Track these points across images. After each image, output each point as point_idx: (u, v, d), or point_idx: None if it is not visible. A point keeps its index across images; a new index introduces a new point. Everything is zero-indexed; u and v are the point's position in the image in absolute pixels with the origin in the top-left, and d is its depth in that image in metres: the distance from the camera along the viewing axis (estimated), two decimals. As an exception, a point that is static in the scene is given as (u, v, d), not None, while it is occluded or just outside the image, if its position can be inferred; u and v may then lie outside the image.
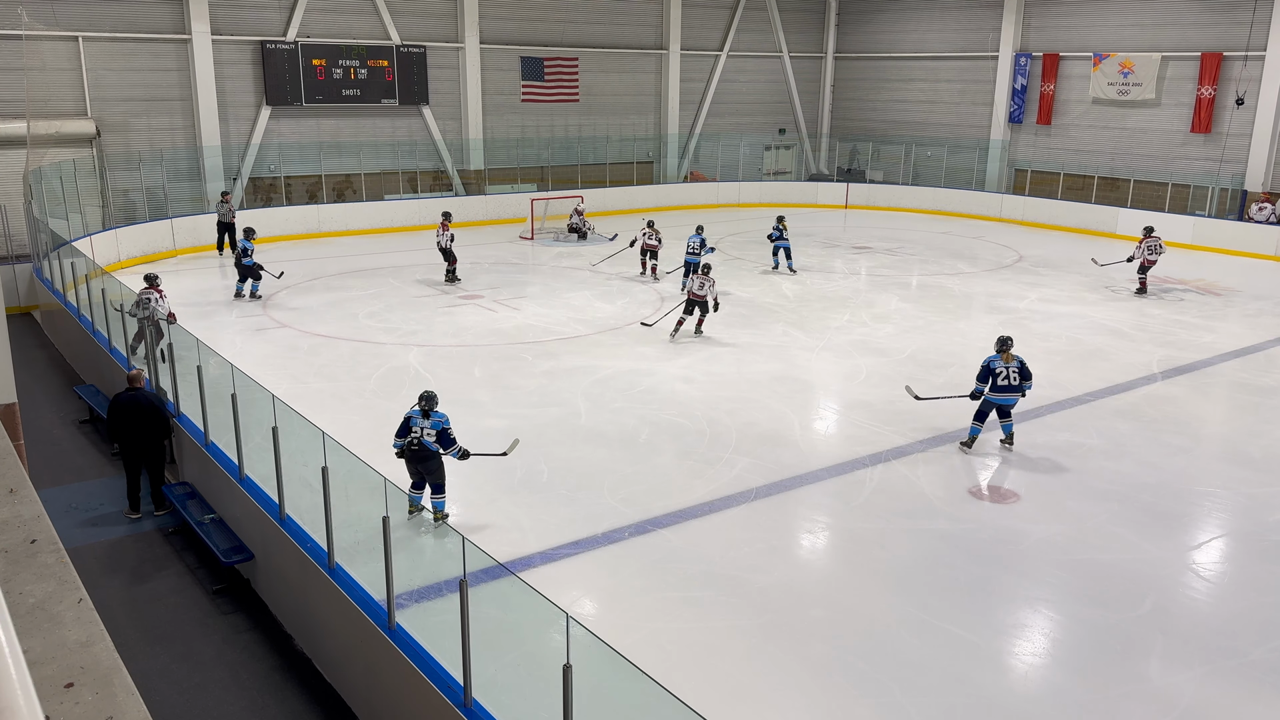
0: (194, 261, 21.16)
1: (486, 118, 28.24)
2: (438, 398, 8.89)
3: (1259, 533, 9.24)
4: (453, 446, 8.77)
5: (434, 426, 8.71)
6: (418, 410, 8.79)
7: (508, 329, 15.83)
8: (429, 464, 8.83)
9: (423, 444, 8.72)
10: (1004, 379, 10.91)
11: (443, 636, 6.17)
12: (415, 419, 8.78)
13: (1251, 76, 24.79)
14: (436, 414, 8.76)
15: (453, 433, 8.78)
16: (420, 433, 8.73)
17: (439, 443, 8.71)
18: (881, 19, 33.76)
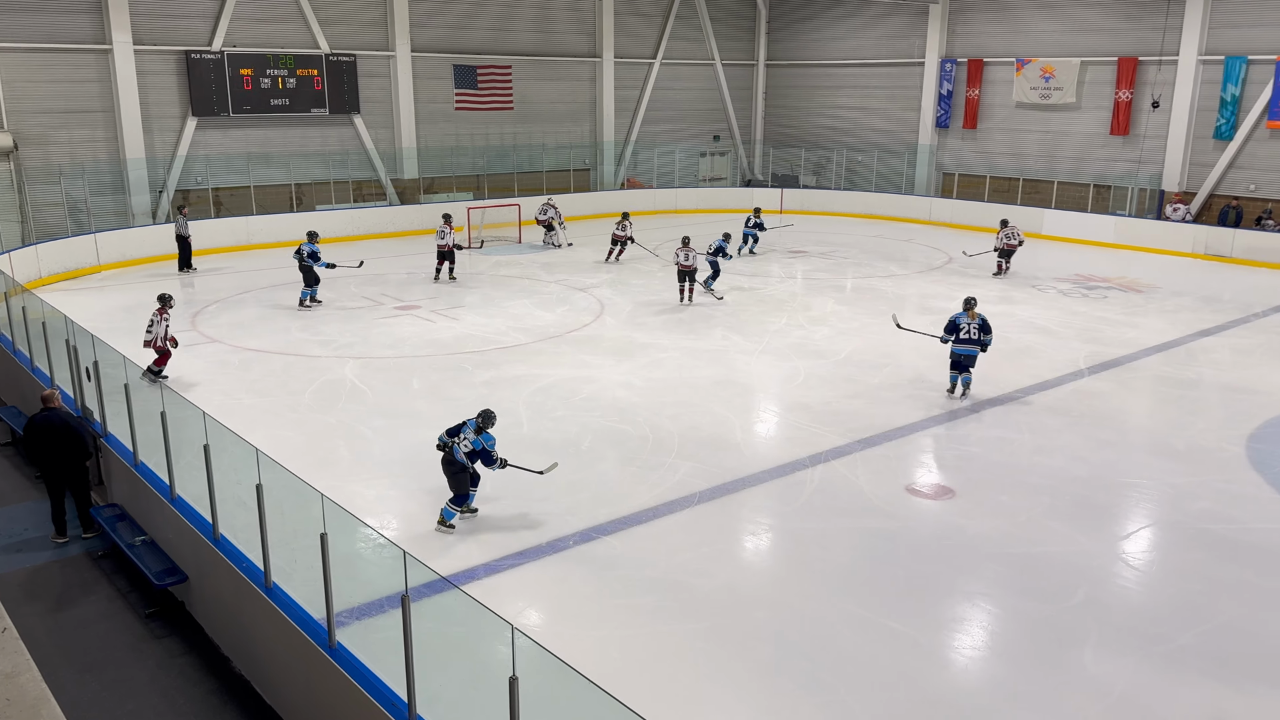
0: (119, 277, 20.60)
1: (420, 126, 28.00)
2: (495, 419, 9.04)
3: (1184, 522, 9.55)
4: (492, 464, 8.97)
5: (474, 444, 8.90)
6: (473, 422, 8.98)
7: (446, 339, 15.68)
8: (452, 469, 9.04)
9: (452, 451, 8.96)
10: (965, 333, 12.79)
11: (386, 653, 6.08)
12: (466, 429, 8.99)
13: (1165, 80, 25.67)
14: (486, 434, 8.92)
15: (495, 455, 8.95)
16: (459, 441, 8.95)
17: (471, 458, 8.94)
18: (811, 27, 34.26)
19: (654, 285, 19.93)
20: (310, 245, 17.44)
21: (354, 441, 11.32)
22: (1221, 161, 25.06)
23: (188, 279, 20.65)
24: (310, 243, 17.50)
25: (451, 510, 9.16)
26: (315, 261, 17.39)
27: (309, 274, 17.55)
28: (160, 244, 22.17)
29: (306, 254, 17.41)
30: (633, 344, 15.52)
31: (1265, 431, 11.85)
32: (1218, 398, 13.32)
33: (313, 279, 17.62)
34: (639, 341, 15.65)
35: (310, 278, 17.58)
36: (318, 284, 17.79)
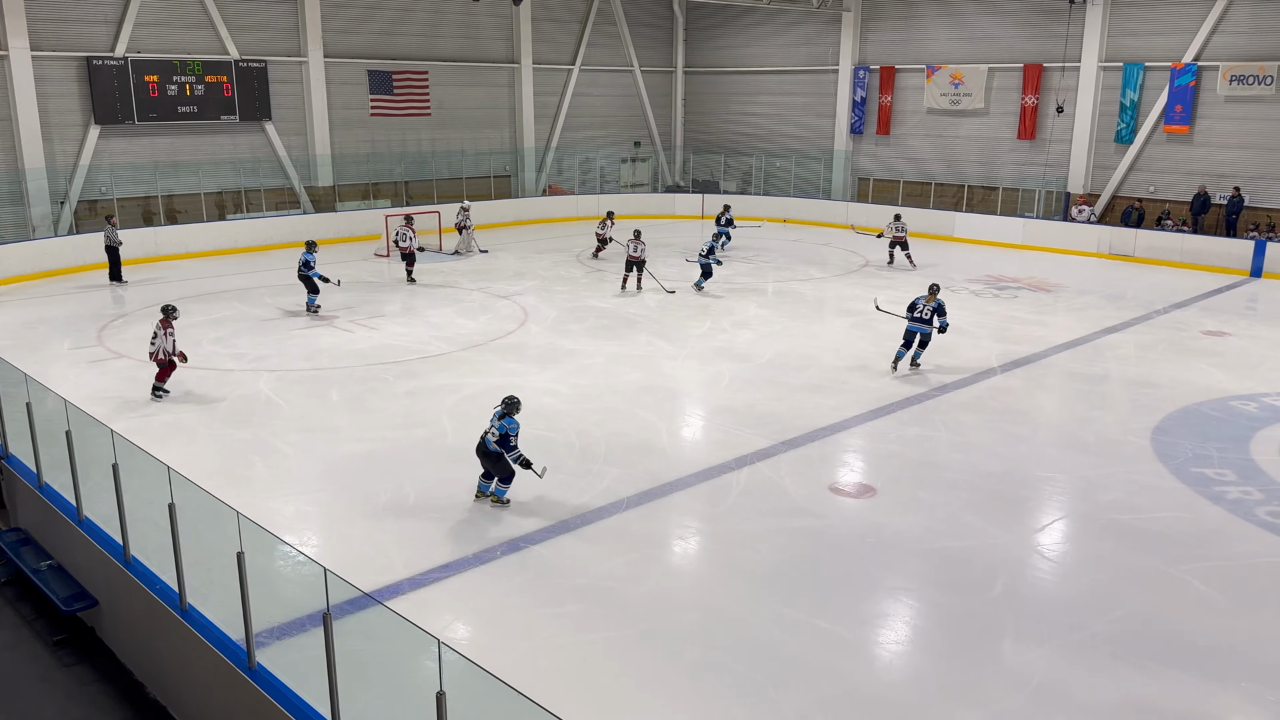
0: (19, 292, 19.75)
1: (334, 133, 27.50)
2: (519, 405, 9.60)
3: (1094, 513, 9.88)
4: (512, 451, 9.43)
5: (499, 429, 9.43)
6: (498, 411, 9.55)
7: (366, 350, 15.41)
8: (490, 458, 9.58)
9: (484, 441, 9.53)
10: (920, 312, 14.31)
11: (308, 673, 5.94)
12: (493, 419, 9.57)
13: (1069, 86, 26.61)
14: (510, 419, 9.45)
15: (514, 440, 9.42)
16: (489, 432, 9.52)
17: (499, 444, 9.42)
18: (728, 35, 34.63)
19: (579, 292, 19.91)
20: (307, 255, 17.52)
21: (270, 457, 11.05)
22: (1123, 164, 26.07)
23: (119, 291, 20.03)
24: (308, 252, 17.56)
25: (503, 489, 9.70)
26: (310, 271, 17.48)
27: (309, 282, 17.64)
28: (63, 256, 21.36)
29: (301, 263, 17.56)
30: (558, 351, 15.46)
31: (1167, 424, 12.34)
32: (1123, 392, 13.83)
33: (313, 287, 17.69)
34: (564, 348, 15.60)
35: (310, 286, 17.67)
36: (318, 292, 17.79)
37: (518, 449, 9.44)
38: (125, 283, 20.46)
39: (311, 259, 17.53)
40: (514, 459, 9.45)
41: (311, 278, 17.56)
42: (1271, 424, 12.36)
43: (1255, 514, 9.75)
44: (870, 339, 16.38)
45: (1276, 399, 13.37)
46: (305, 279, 17.65)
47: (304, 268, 17.54)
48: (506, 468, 9.58)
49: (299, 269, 17.69)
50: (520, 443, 9.52)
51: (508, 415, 9.48)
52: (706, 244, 20.05)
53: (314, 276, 17.55)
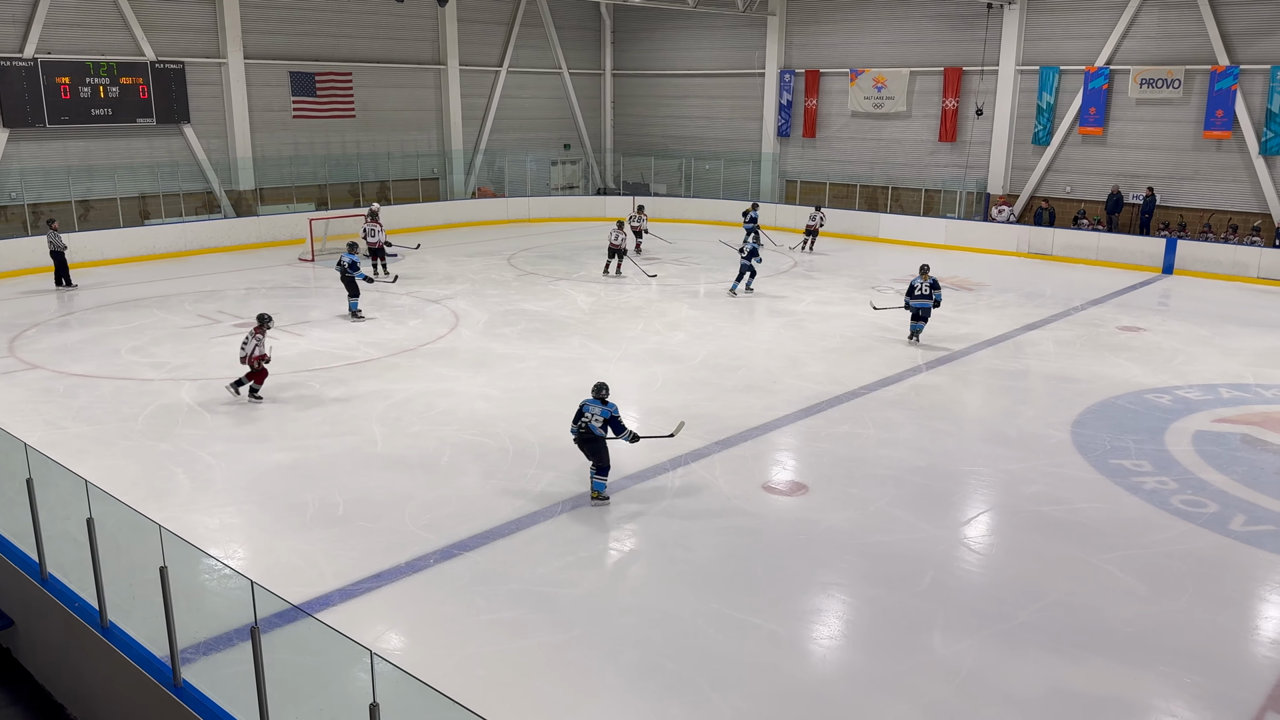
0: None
1: (255, 135, 26.92)
2: (609, 388, 9.77)
3: (1018, 505, 10.15)
4: (623, 432, 9.69)
5: (603, 414, 9.64)
6: (592, 399, 9.68)
7: (291, 357, 15.10)
8: (593, 446, 9.76)
9: (589, 429, 9.64)
10: (919, 291, 15.92)
11: (237, 689, 5.80)
12: (588, 406, 9.70)
13: (988, 89, 27.31)
14: (609, 403, 9.65)
15: (622, 420, 9.70)
16: (590, 418, 9.64)
17: (606, 429, 9.65)
18: (655, 38, 34.79)
19: (510, 295, 19.79)
20: (350, 256, 17.30)
21: (193, 468, 10.76)
22: (1040, 166, 26.84)
23: (67, 295, 19.54)
24: (350, 253, 17.36)
25: (601, 482, 9.92)
26: (355, 272, 17.28)
27: (351, 285, 17.43)
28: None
29: (347, 264, 17.27)
30: (490, 355, 15.35)
31: (1086, 417, 12.73)
32: (1043, 387, 14.23)
33: (354, 290, 17.48)
34: (496, 352, 15.49)
35: (353, 289, 17.47)
36: (359, 295, 17.59)
37: (627, 430, 9.74)
38: (75, 286, 20.11)
39: (356, 259, 17.35)
40: (628, 438, 9.76)
41: (355, 279, 17.28)
42: (1184, 416, 12.83)
43: (1170, 503, 10.11)
44: (800, 339, 16.60)
45: (1189, 391, 13.89)
46: (348, 281, 17.32)
47: (350, 269, 17.21)
48: (605, 457, 9.83)
49: (342, 270, 17.30)
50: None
51: (606, 401, 9.72)
52: (748, 245, 20.26)
53: (358, 278, 17.29)
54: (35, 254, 21.55)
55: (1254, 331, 17.55)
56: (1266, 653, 7.47)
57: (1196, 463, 11.19)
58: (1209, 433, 12.20)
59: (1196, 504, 10.09)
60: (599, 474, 9.94)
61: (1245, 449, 11.69)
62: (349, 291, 17.51)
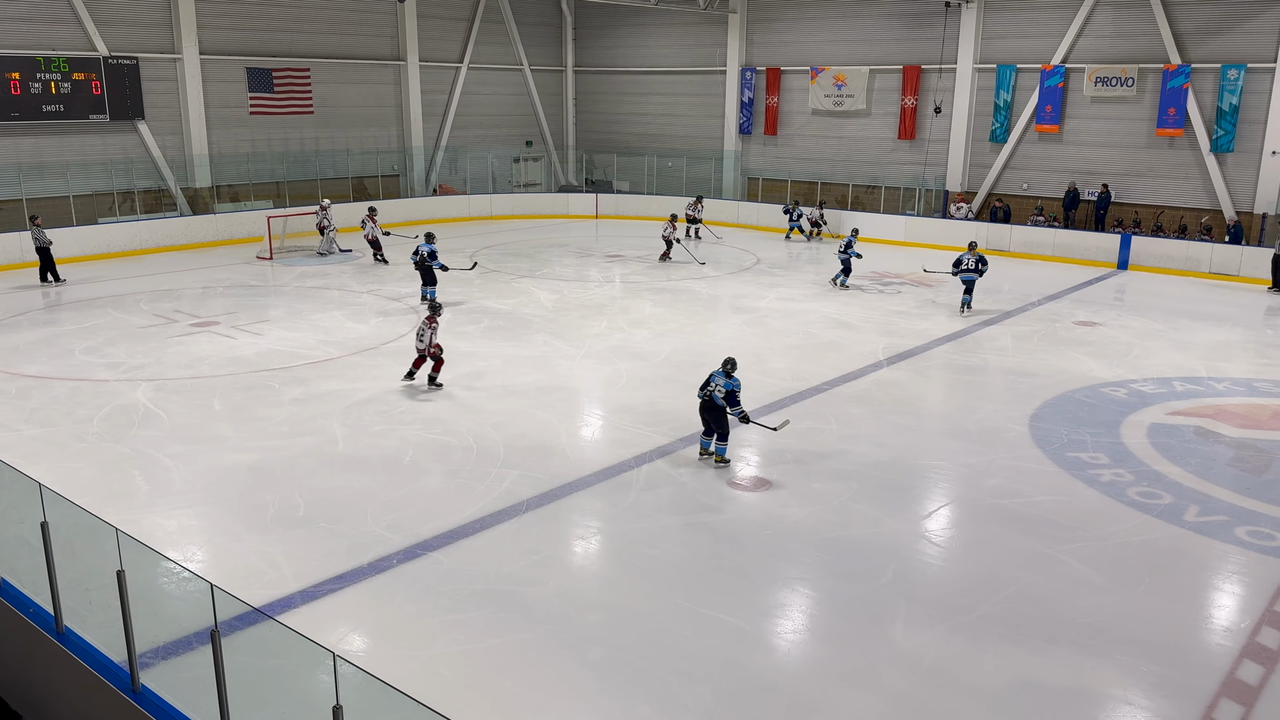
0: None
1: (211, 132, 26.52)
2: (736, 364, 10.59)
3: (978, 498, 10.27)
4: (735, 407, 10.45)
5: (725, 386, 10.40)
6: (720, 371, 10.51)
7: (250, 356, 14.90)
8: (714, 414, 10.59)
9: (712, 398, 10.49)
10: (966, 265, 18.08)
11: (197, 693, 5.72)
12: (715, 376, 10.54)
13: (946, 87, 27.61)
14: (734, 378, 10.44)
15: (739, 396, 10.46)
16: (714, 388, 10.46)
17: (725, 401, 10.38)
18: (617, 35, 34.75)
19: (473, 293, 19.68)
20: (429, 246, 17.63)
21: (151, 470, 10.58)
22: (998, 163, 27.18)
23: (54, 291, 19.44)
24: (428, 243, 17.67)
25: (722, 446, 10.71)
26: (433, 261, 17.58)
27: (428, 274, 17.73)
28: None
29: (426, 254, 17.59)
30: (452, 353, 15.21)
31: (1044, 411, 12.92)
32: (1002, 381, 14.41)
33: (431, 279, 17.76)
34: (459, 350, 15.39)
35: (429, 278, 17.76)
36: (436, 283, 17.78)
37: (740, 405, 10.51)
38: (63, 281, 20.15)
39: (435, 248, 17.62)
40: (736, 414, 10.49)
41: (433, 268, 17.54)
42: (1139, 409, 13.06)
43: (1126, 495, 10.29)
44: (763, 336, 16.67)
45: (1144, 385, 14.15)
46: (426, 270, 17.60)
47: (429, 258, 17.52)
48: (725, 425, 10.62)
49: (420, 259, 17.57)
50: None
51: (731, 375, 10.45)
52: (846, 239, 20.60)
53: (436, 266, 17.54)
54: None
55: (1206, 326, 17.91)
56: (1220, 640, 7.63)
57: (1151, 455, 11.40)
58: (1163, 425, 12.44)
59: (1152, 495, 10.27)
60: (719, 440, 10.73)
61: (1198, 441, 11.93)
62: (424, 280, 17.85)
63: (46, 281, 20.01)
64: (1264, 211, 23.30)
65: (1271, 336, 17.30)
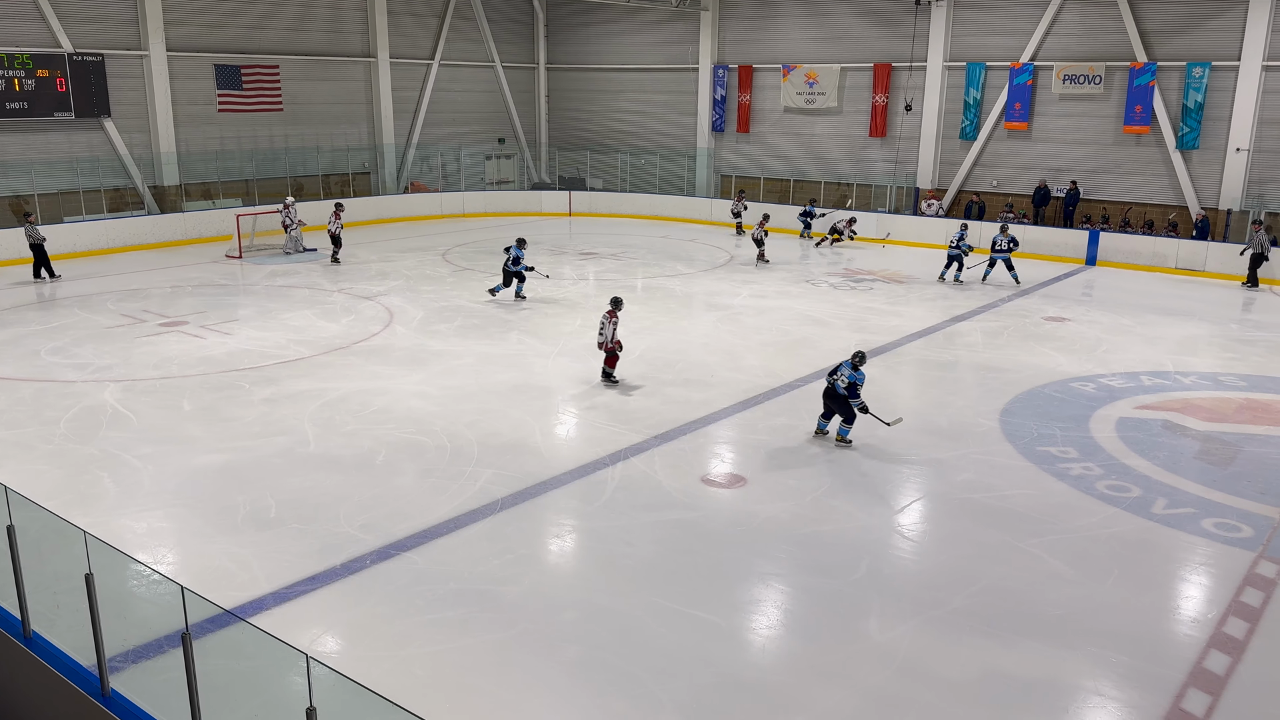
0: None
1: (179, 130, 26.22)
2: (865, 357, 11.31)
3: (950, 493, 10.36)
4: (856, 399, 11.13)
5: (850, 378, 11.10)
6: (848, 362, 11.17)
7: (219, 356, 14.76)
8: (837, 400, 11.32)
9: (834, 386, 11.24)
10: (999, 245, 20.94)
11: (169, 696, 5.66)
12: (843, 367, 11.21)
13: (916, 85, 27.79)
14: (860, 370, 11.11)
15: (860, 389, 11.14)
16: (839, 377, 11.18)
17: (846, 391, 11.11)
18: (588, 32, 34.69)
19: (446, 291, 19.59)
20: (518, 250, 18.44)
21: (119, 472, 10.45)
22: (968, 160, 27.40)
23: (49, 287, 19.42)
24: (518, 248, 18.47)
25: (846, 429, 11.38)
26: (518, 266, 18.44)
27: (519, 277, 18.55)
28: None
29: (511, 258, 18.46)
30: (426, 352, 15.18)
31: (1014, 405, 13.05)
32: (973, 377, 14.54)
33: (511, 279, 18.57)
34: (432, 349, 15.33)
35: (510, 278, 18.57)
36: (523, 281, 18.60)
37: (861, 398, 11.12)
38: (59, 277, 20.22)
39: (521, 254, 18.37)
40: (856, 406, 11.10)
41: (520, 272, 18.37)
42: (1108, 403, 13.22)
43: (1095, 488, 10.41)
44: (737, 333, 16.72)
45: (1112, 380, 14.32)
46: (514, 274, 18.40)
47: (513, 263, 18.33)
48: (850, 410, 11.24)
49: (508, 263, 18.40)
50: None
51: (858, 367, 11.06)
52: (956, 234, 21.48)
53: (521, 270, 18.35)
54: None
55: (1173, 321, 18.16)
56: (1188, 631, 7.74)
57: (1120, 448, 11.55)
58: (1131, 419, 12.59)
59: (1120, 489, 10.40)
60: (844, 422, 11.36)
61: (1166, 434, 12.09)
62: (504, 281, 18.58)
63: (40, 278, 20.03)
64: (1229, 207, 23.64)
65: (1237, 331, 17.57)
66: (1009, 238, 21.13)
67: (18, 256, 21.56)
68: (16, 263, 21.50)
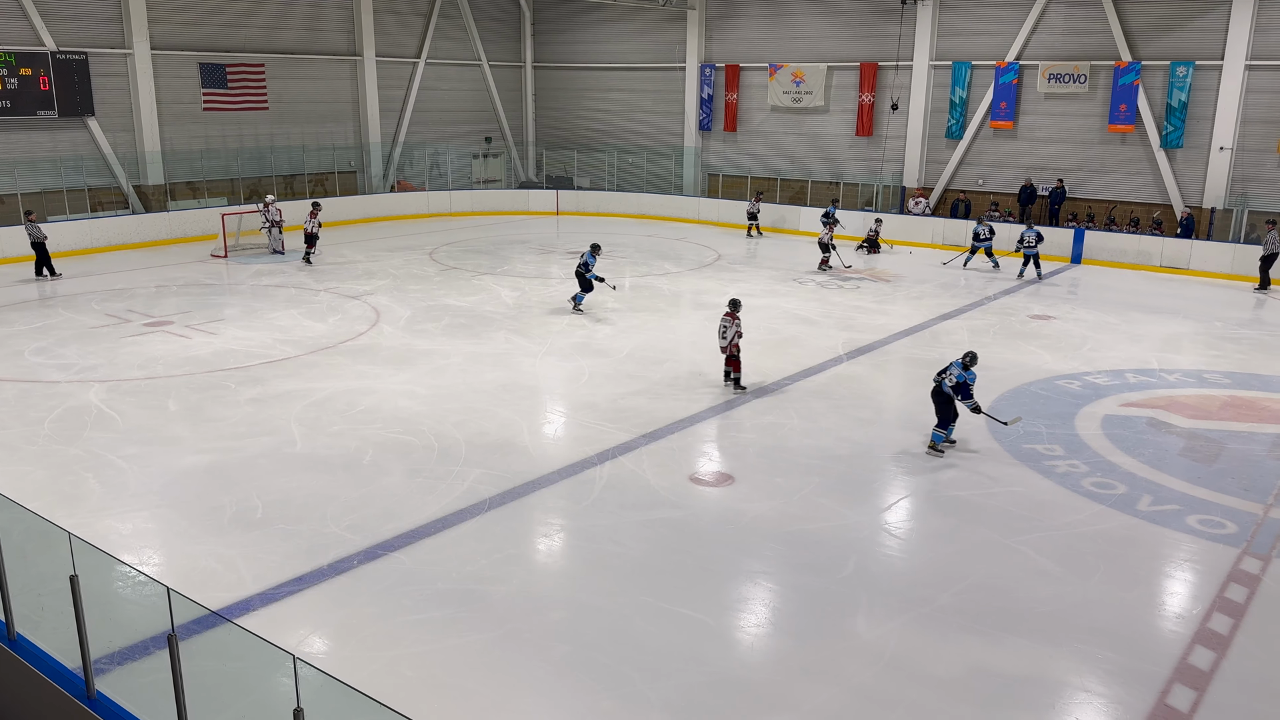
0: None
1: (164, 129, 26.07)
2: (976, 358, 11.14)
3: (935, 490, 10.40)
4: (968, 399, 11.07)
5: (959, 378, 10.97)
6: (958, 362, 11.05)
7: (205, 356, 14.68)
8: (940, 399, 11.14)
9: (941, 386, 11.05)
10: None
11: (155, 698, 5.63)
12: (953, 366, 11.09)
13: (902, 84, 27.86)
14: (970, 370, 11.03)
15: (972, 388, 11.10)
16: (947, 376, 11.03)
17: (954, 391, 10.95)
18: (576, 30, 34.66)
19: (433, 290, 19.54)
20: (591, 258, 17.94)
21: (104, 472, 10.39)
22: (954, 159, 27.49)
23: (49, 286, 19.43)
24: (591, 254, 17.99)
25: (939, 434, 11.19)
26: (588, 272, 17.93)
27: (584, 282, 18.09)
28: None
29: (583, 263, 18.04)
30: (413, 351, 15.14)
31: (1000, 404, 13.10)
32: (960, 375, 14.57)
33: (588, 286, 18.12)
34: (419, 348, 15.29)
35: (587, 285, 18.12)
36: (590, 290, 18.16)
37: (973, 398, 11.06)
38: (59, 275, 20.24)
39: (593, 261, 17.94)
40: (969, 406, 11.04)
41: (590, 279, 17.93)
42: (1093, 401, 13.29)
43: (1081, 485, 10.47)
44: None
45: (1097, 377, 14.39)
46: (584, 279, 18.01)
47: (584, 268, 17.92)
48: (950, 413, 11.09)
49: (586, 268, 17.96)
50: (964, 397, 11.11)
51: (969, 368, 10.94)
52: (1033, 233, 21.93)
53: (591, 278, 17.91)
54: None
55: (1158, 318, 18.27)
56: (1173, 627, 7.79)
57: (1105, 446, 11.61)
58: (1117, 417, 12.66)
59: (1106, 486, 10.46)
60: (939, 426, 11.20)
61: (1151, 432, 12.16)
62: (581, 286, 18.13)
63: (42, 276, 20.07)
64: (1212, 206, 23.79)
65: (1221, 329, 17.68)
66: (988, 227, 22.86)
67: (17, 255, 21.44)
68: (6, 261, 21.35)
